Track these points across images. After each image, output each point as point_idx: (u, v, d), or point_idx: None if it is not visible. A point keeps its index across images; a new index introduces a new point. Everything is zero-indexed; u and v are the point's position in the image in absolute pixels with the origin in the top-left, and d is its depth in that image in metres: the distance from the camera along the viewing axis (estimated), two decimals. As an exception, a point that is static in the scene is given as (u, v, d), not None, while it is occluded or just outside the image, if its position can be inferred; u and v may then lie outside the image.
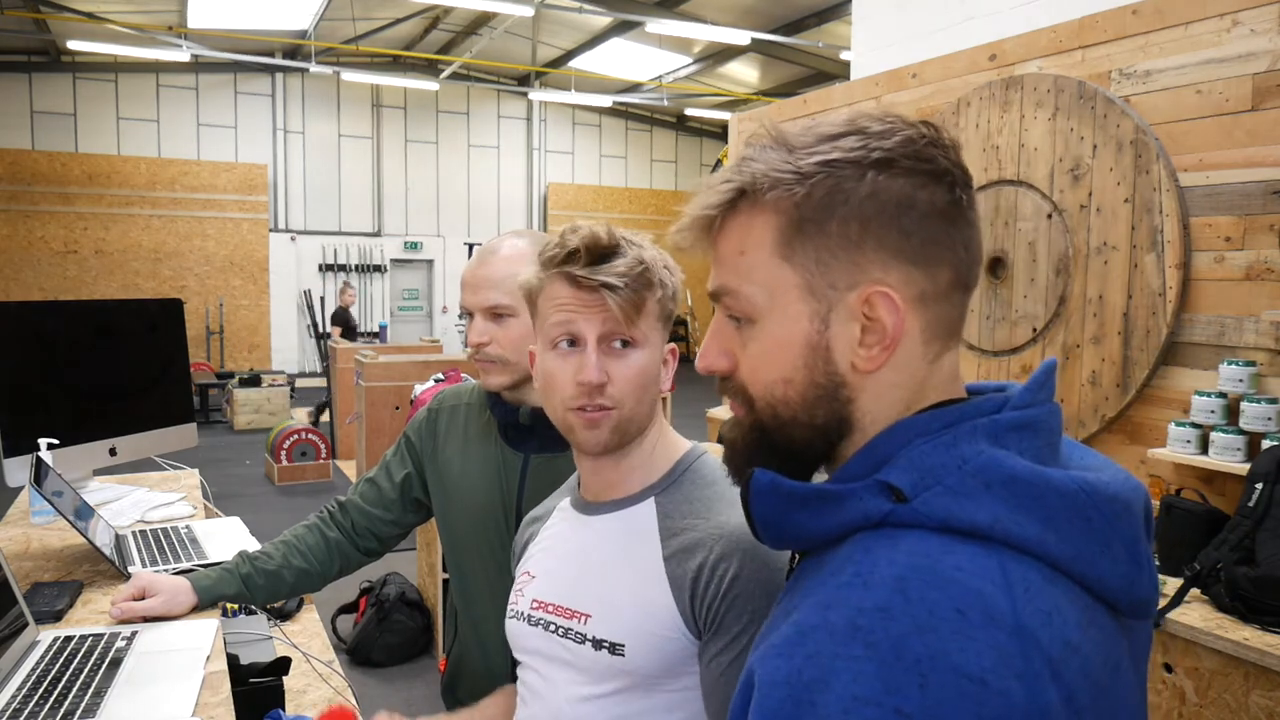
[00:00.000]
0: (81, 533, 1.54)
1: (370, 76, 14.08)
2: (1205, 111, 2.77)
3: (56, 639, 1.31)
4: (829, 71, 12.70)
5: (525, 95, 16.04)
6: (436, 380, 5.23)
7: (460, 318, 13.97)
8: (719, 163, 12.89)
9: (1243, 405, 2.57)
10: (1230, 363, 2.63)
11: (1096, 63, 3.10)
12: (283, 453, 7.20)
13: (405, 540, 1.74)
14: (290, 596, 1.66)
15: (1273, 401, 2.52)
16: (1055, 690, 0.54)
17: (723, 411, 4.94)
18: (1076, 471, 0.63)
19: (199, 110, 14.52)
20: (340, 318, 10.12)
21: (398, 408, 6.32)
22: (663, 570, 0.98)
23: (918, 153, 0.64)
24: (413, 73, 15.26)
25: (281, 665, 1.46)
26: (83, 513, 1.65)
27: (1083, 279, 3.07)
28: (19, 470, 1.88)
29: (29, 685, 1.17)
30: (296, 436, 7.28)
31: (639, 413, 1.03)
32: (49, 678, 1.19)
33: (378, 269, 15.69)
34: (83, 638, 1.31)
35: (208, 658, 1.27)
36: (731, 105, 15.42)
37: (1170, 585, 2.19)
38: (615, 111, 17.17)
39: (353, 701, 1.71)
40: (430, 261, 16.14)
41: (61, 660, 1.24)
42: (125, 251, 13.91)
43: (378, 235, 15.77)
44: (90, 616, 1.44)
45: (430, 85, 14.64)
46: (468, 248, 11.65)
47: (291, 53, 14.34)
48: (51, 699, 1.13)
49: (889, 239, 0.64)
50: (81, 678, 1.19)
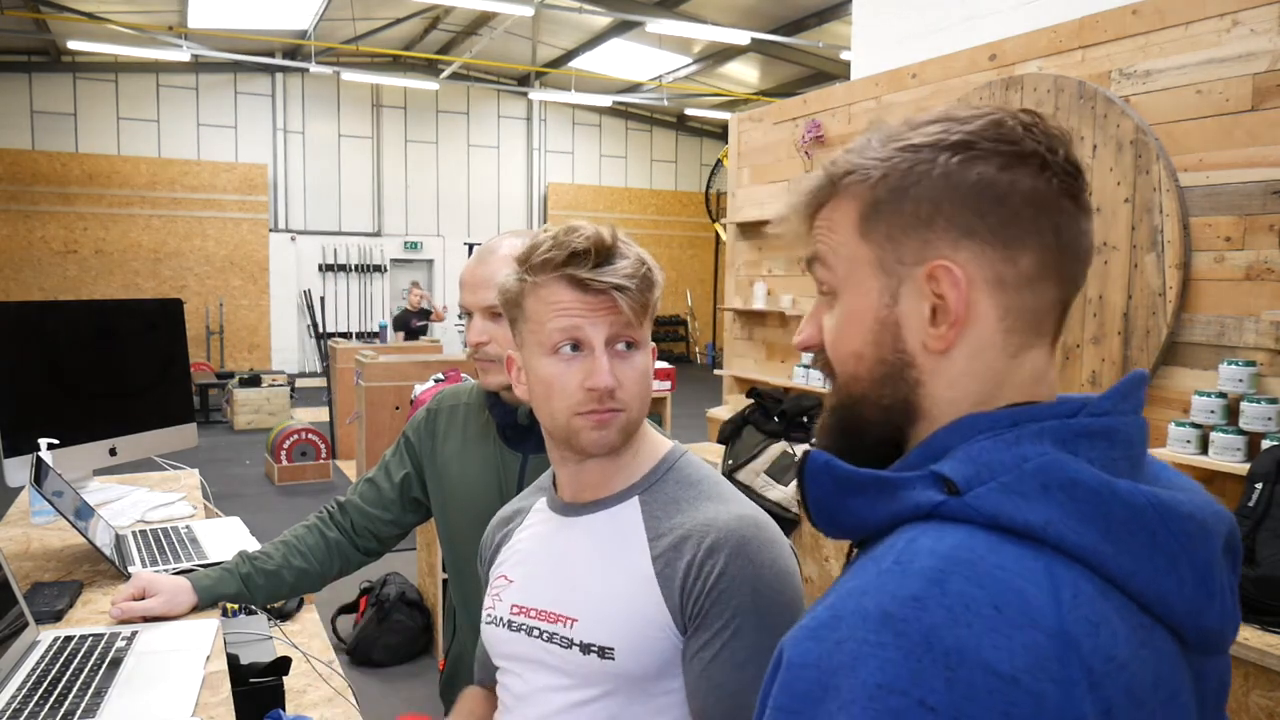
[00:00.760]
0: (81, 533, 1.54)
1: (370, 76, 14.08)
2: (1205, 111, 2.77)
3: (56, 639, 1.31)
4: (829, 71, 12.70)
5: (525, 95, 16.04)
6: (436, 380, 5.23)
7: (460, 317, 13.88)
8: (719, 163, 12.88)
9: (1243, 405, 2.57)
10: (1230, 363, 2.63)
11: (1096, 63, 3.10)
12: (283, 453, 7.20)
13: (405, 540, 1.74)
14: (290, 596, 1.66)
15: (1273, 401, 2.52)
16: (1092, 702, 0.52)
17: (723, 411, 4.94)
18: (1150, 488, 0.60)
19: (199, 110, 14.52)
20: (402, 321, 9.50)
21: (398, 408, 6.32)
22: (652, 571, 0.97)
23: (1002, 135, 0.63)
24: (413, 73, 15.26)
25: (281, 665, 1.46)
26: (83, 513, 1.65)
27: (1083, 279, 3.07)
28: (19, 470, 1.88)
29: (29, 685, 1.17)
30: (296, 436, 7.28)
31: (643, 414, 1.04)
32: (49, 678, 1.19)
33: (378, 269, 15.69)
34: (83, 638, 1.31)
35: (208, 658, 1.27)
36: (731, 105, 15.42)
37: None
38: (615, 111, 17.17)
39: (353, 701, 1.71)
40: (430, 261, 16.15)
41: (61, 660, 1.24)
42: (125, 251, 13.91)
43: (378, 235, 15.77)
44: (90, 616, 1.44)
45: (430, 85, 14.64)
46: (468, 248, 11.66)
47: (291, 53, 14.34)
48: (51, 699, 1.13)
49: (960, 217, 0.63)
50: (81, 678, 1.19)
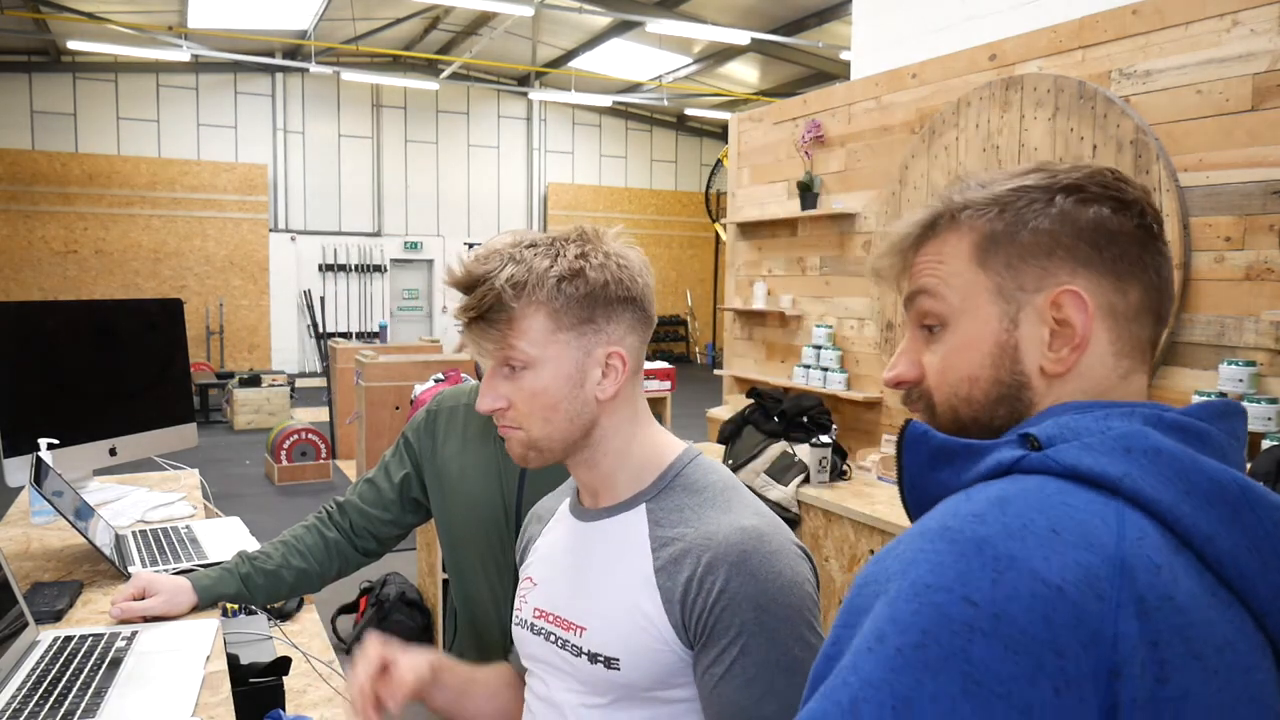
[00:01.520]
0: (81, 533, 1.54)
1: (370, 76, 14.08)
2: (1205, 111, 2.77)
3: (56, 639, 1.31)
4: (829, 71, 12.70)
5: (525, 95, 16.05)
6: (436, 380, 5.23)
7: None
8: (719, 163, 12.88)
9: (1243, 405, 2.57)
10: (1230, 363, 2.63)
11: (1096, 63, 3.10)
12: (283, 453, 7.20)
13: (405, 540, 1.74)
14: (289, 597, 1.66)
15: (1273, 401, 2.52)
16: (1140, 626, 0.52)
17: (723, 411, 4.94)
18: (1242, 474, 0.60)
19: (199, 110, 14.52)
20: None
21: (398, 408, 6.32)
22: (654, 582, 0.97)
23: (1105, 183, 0.68)
24: (413, 73, 15.27)
25: (281, 665, 1.46)
26: (83, 513, 1.65)
27: (1083, 279, 3.08)
28: (19, 470, 1.88)
29: (29, 685, 1.17)
30: (296, 436, 7.28)
31: (551, 431, 1.00)
32: (49, 678, 1.19)
33: (378, 269, 15.69)
34: (83, 638, 1.31)
35: (208, 658, 1.27)
36: (731, 105, 15.42)
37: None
38: (615, 111, 17.17)
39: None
40: (430, 261, 16.15)
41: (61, 660, 1.24)
42: (125, 251, 13.91)
43: (378, 235, 15.77)
44: (90, 616, 1.44)
45: (430, 85, 14.64)
46: (468, 248, 11.65)
47: (291, 53, 14.34)
48: (51, 699, 1.13)
49: (1079, 250, 0.67)
50: (81, 678, 1.19)
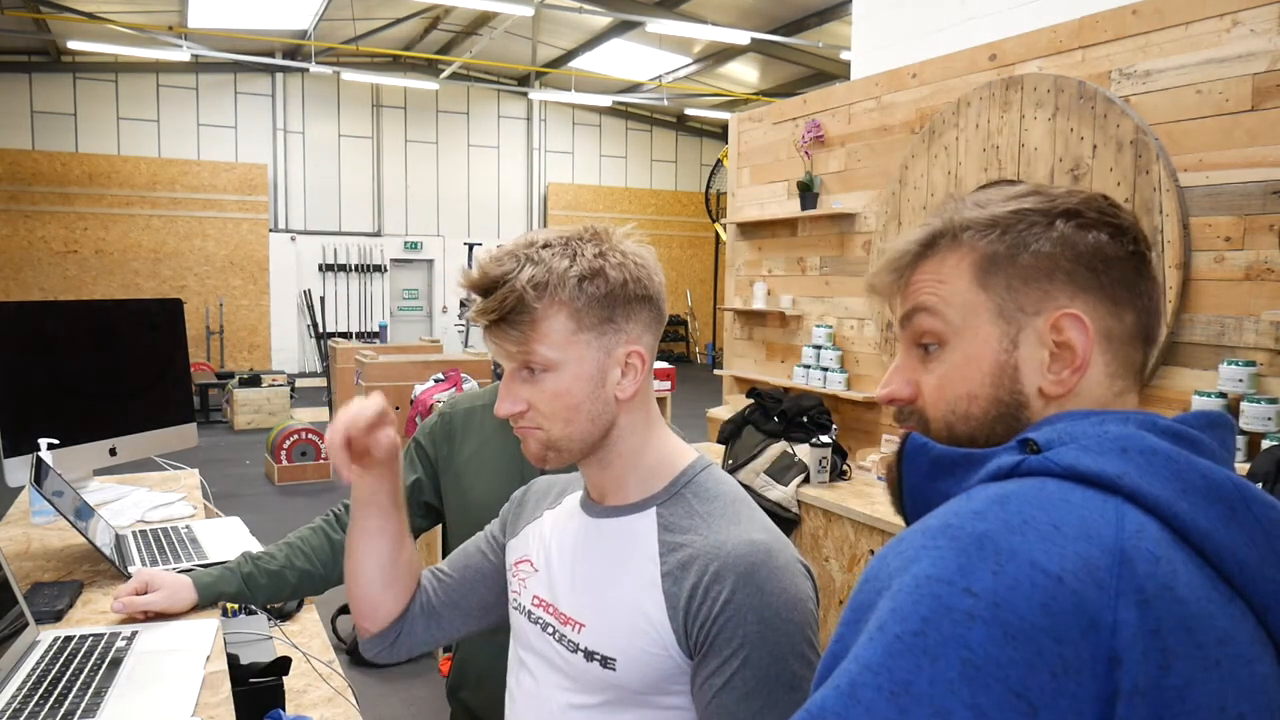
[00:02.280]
0: (81, 533, 1.54)
1: (370, 76, 14.08)
2: (1205, 111, 2.77)
3: (56, 639, 1.31)
4: (829, 71, 12.70)
5: (525, 95, 16.05)
6: (436, 380, 5.23)
7: (460, 317, 13.95)
8: (719, 163, 12.88)
9: (1243, 405, 2.57)
10: (1230, 363, 2.63)
11: (1096, 63, 3.10)
12: (283, 453, 7.20)
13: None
14: (292, 598, 1.66)
15: (1273, 401, 2.52)
16: (1138, 611, 0.53)
17: (723, 411, 4.94)
18: (1237, 475, 0.61)
19: (199, 110, 14.53)
20: None
21: (398, 408, 6.32)
22: (659, 586, 0.96)
23: (1102, 209, 0.70)
24: (413, 73, 15.27)
25: (281, 665, 1.46)
26: (83, 513, 1.65)
27: (1083, 279, 3.08)
28: (19, 470, 1.88)
29: (29, 685, 1.17)
30: (296, 436, 7.28)
31: (572, 432, 0.99)
32: (49, 678, 1.19)
33: (378, 269, 15.69)
34: (83, 638, 1.31)
35: (208, 658, 1.27)
36: (731, 105, 15.42)
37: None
38: (615, 111, 17.17)
39: (353, 701, 1.71)
40: (430, 261, 16.15)
41: (61, 660, 1.24)
42: (125, 251, 13.91)
43: (378, 235, 15.77)
44: (90, 616, 1.44)
45: (430, 85, 14.65)
46: (468, 248, 11.65)
47: (291, 53, 14.34)
48: (51, 699, 1.13)
49: (1078, 275, 0.68)
50: (81, 678, 1.19)
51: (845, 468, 3.55)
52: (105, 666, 1.22)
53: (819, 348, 4.38)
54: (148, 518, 2.08)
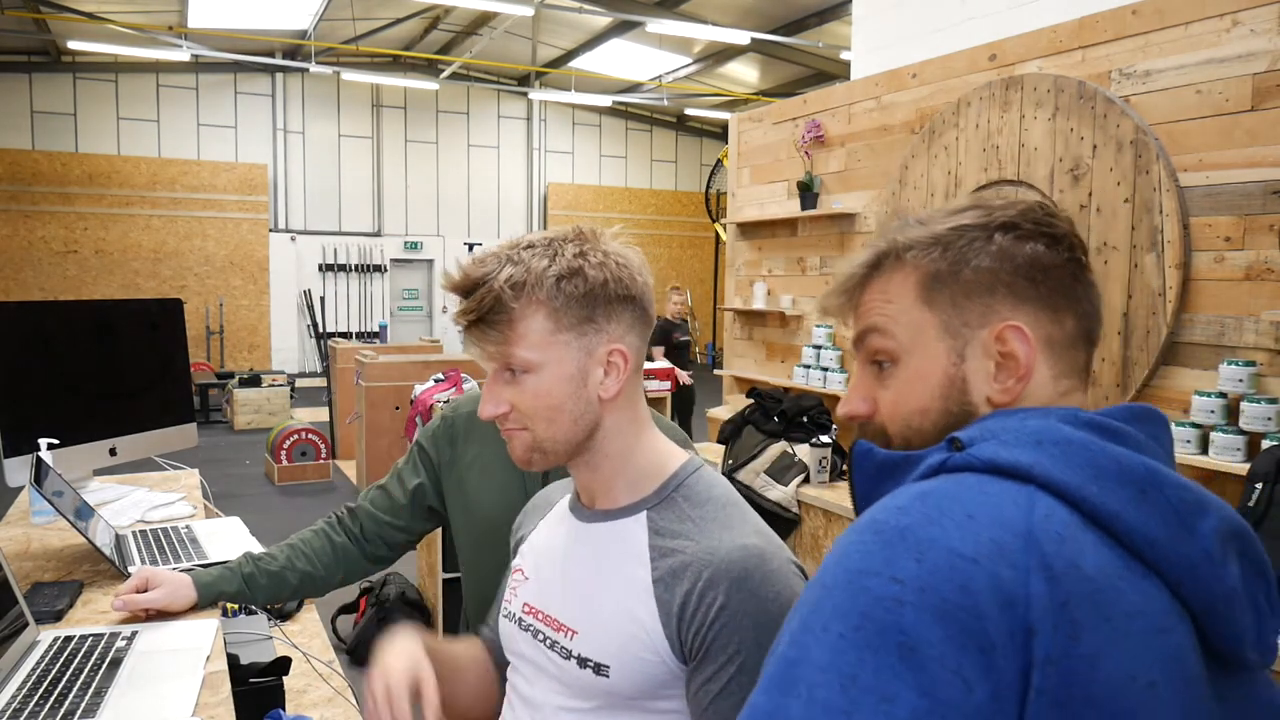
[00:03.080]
0: (81, 533, 1.54)
1: (370, 76, 14.08)
2: (1205, 111, 2.77)
3: (56, 639, 1.31)
4: (829, 71, 12.70)
5: (525, 95, 16.04)
6: (436, 380, 5.23)
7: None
8: (719, 163, 12.87)
9: (1243, 405, 2.57)
10: (1230, 363, 2.63)
11: (1096, 63, 3.10)
12: (283, 453, 7.20)
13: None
14: (293, 599, 1.66)
15: (1273, 401, 2.52)
16: (1047, 586, 0.56)
17: (723, 411, 4.94)
18: (1151, 460, 0.64)
19: (199, 110, 14.52)
20: (662, 334, 7.12)
21: (398, 408, 6.32)
22: (651, 593, 0.95)
23: (1038, 220, 0.73)
24: (413, 73, 15.27)
25: (281, 665, 1.46)
26: (83, 513, 1.65)
27: (1083, 279, 3.07)
28: (19, 470, 1.88)
29: (29, 685, 1.17)
30: (296, 436, 7.28)
31: (555, 433, 0.99)
32: (49, 678, 1.19)
33: (378, 269, 15.69)
34: (83, 638, 1.31)
35: (208, 658, 1.27)
36: (731, 105, 15.42)
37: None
38: (615, 111, 17.17)
39: (353, 701, 1.72)
40: (430, 261, 16.15)
41: (61, 660, 1.24)
42: (125, 251, 13.91)
43: (378, 235, 15.77)
44: (90, 616, 1.44)
45: (430, 85, 14.64)
46: (468, 248, 11.66)
47: (291, 53, 14.34)
48: (51, 699, 1.13)
49: (1018, 286, 0.71)
50: (81, 678, 1.19)
51: (845, 468, 3.55)
52: (105, 666, 1.22)
53: (819, 348, 4.38)
54: (148, 518, 2.08)
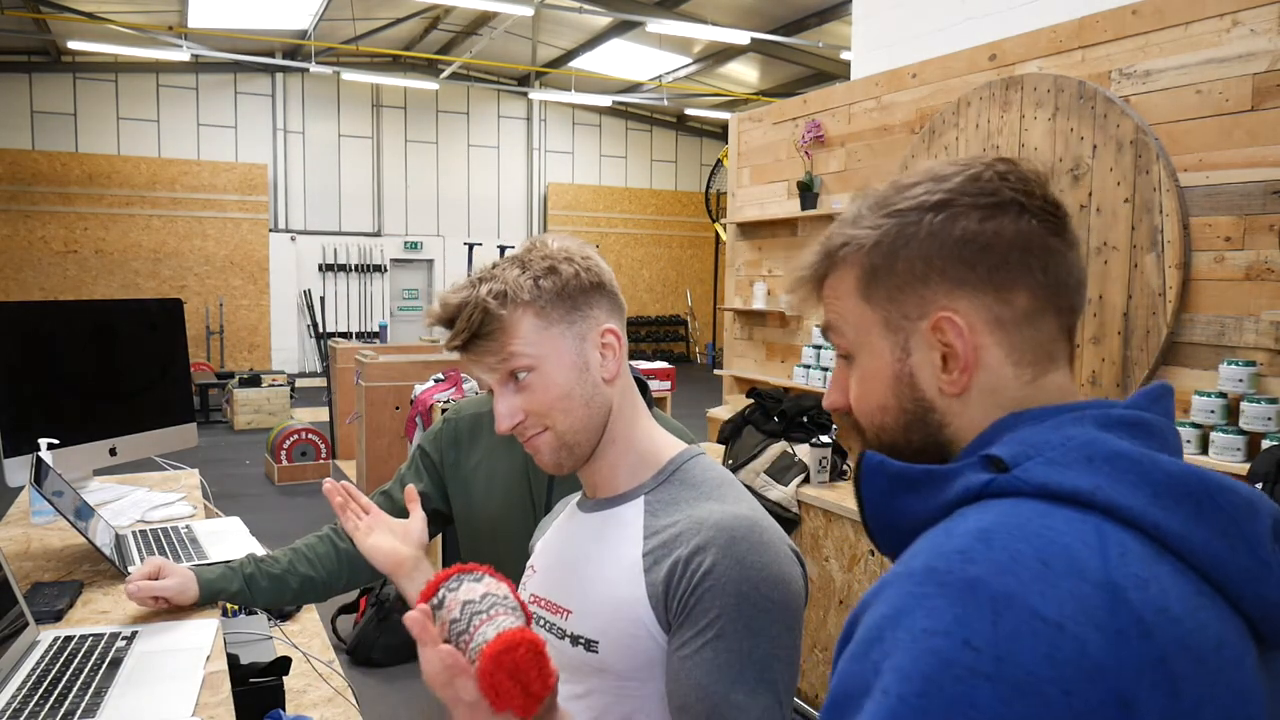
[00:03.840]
0: (81, 533, 1.54)
1: (370, 76, 14.09)
2: (1205, 111, 2.77)
3: (56, 639, 1.31)
4: (829, 71, 12.70)
5: (525, 95, 16.05)
6: (436, 380, 5.23)
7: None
8: (719, 163, 12.88)
9: (1243, 405, 2.57)
10: (1230, 363, 2.63)
11: (1096, 63, 3.10)
12: (283, 453, 7.20)
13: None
14: (295, 603, 1.66)
15: (1273, 401, 2.52)
16: (1142, 650, 0.52)
17: (723, 411, 4.94)
18: (1192, 464, 0.62)
19: (199, 110, 14.53)
20: None
21: (398, 408, 6.32)
22: (640, 567, 0.97)
23: (980, 188, 0.68)
24: (413, 73, 15.27)
25: (281, 665, 1.46)
26: (83, 513, 1.65)
27: (1083, 279, 3.07)
28: (19, 470, 1.88)
29: (29, 685, 1.17)
30: (296, 436, 7.28)
31: (574, 422, 1.01)
32: (49, 678, 1.19)
33: (378, 269, 15.69)
34: (83, 638, 1.31)
35: (208, 658, 1.27)
36: (731, 105, 15.43)
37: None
38: (615, 111, 17.17)
39: (353, 701, 1.71)
40: (430, 261, 16.15)
41: (61, 660, 1.24)
42: (125, 251, 13.91)
43: (378, 235, 15.77)
44: (90, 616, 1.44)
45: (430, 85, 14.65)
46: (468, 248, 11.63)
47: (291, 53, 14.34)
48: (51, 699, 1.13)
49: (952, 270, 0.68)
50: (81, 678, 1.19)
51: (845, 468, 3.55)
52: (105, 666, 1.22)
53: (819, 348, 4.39)
54: (148, 518, 2.08)
